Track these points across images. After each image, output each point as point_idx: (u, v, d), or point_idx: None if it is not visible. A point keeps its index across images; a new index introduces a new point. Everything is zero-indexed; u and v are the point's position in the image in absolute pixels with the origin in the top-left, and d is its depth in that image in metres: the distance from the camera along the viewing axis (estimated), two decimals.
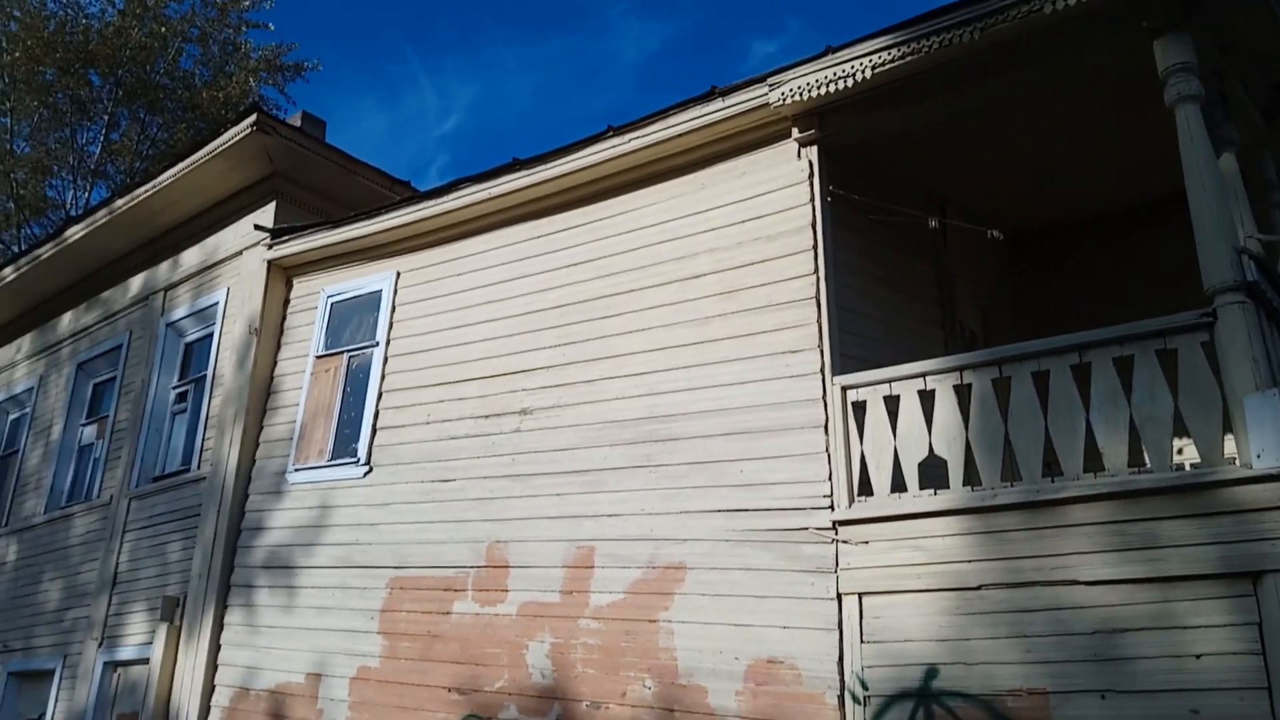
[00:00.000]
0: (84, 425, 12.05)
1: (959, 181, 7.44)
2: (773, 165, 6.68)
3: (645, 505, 6.47)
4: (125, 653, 9.68)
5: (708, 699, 5.72)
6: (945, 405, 5.51)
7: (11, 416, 13.69)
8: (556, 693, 6.46)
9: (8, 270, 12.72)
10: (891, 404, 5.71)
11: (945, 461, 5.44)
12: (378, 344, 8.79)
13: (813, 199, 6.39)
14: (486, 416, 7.72)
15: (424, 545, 7.70)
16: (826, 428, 5.79)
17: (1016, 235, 7.90)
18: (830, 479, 5.68)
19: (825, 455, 5.75)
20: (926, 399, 5.61)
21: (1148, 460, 4.78)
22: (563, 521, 6.90)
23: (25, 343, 13.55)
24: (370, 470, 8.35)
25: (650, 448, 6.58)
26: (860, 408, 5.78)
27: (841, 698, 5.22)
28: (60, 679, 10.27)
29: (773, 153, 6.71)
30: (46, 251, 12.08)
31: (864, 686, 5.17)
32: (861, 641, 5.27)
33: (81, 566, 10.70)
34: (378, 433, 8.45)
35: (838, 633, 5.36)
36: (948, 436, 5.46)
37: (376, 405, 8.55)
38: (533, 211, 7.98)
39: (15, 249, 21.84)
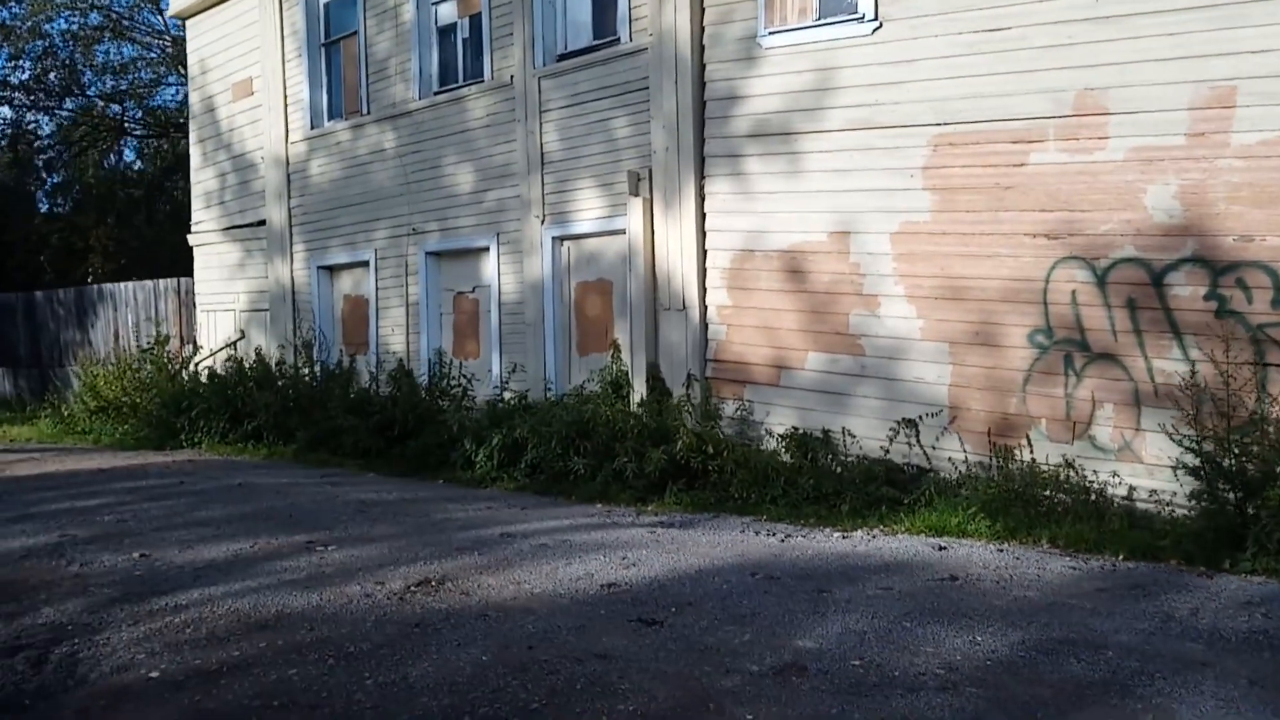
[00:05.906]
0: (436, 4, 11.50)
1: None
2: None
3: None
4: (578, 227, 10.10)
5: None
6: None
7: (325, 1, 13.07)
8: (1191, 230, 6.66)
9: None
10: None
11: None
12: None
13: None
14: None
15: (976, 100, 7.53)
16: None
17: None
18: None
19: None
20: None
21: None
22: (1181, 63, 6.63)
23: None
24: (880, 26, 7.98)
25: None
26: None
27: None
28: (499, 254, 10.85)
29: None
30: None
31: None
32: None
33: (492, 149, 10.80)
34: None
35: None
36: None
37: None
38: None
39: None
